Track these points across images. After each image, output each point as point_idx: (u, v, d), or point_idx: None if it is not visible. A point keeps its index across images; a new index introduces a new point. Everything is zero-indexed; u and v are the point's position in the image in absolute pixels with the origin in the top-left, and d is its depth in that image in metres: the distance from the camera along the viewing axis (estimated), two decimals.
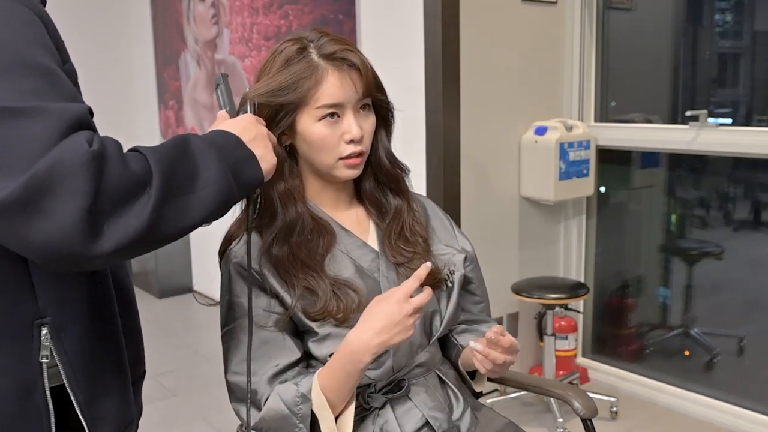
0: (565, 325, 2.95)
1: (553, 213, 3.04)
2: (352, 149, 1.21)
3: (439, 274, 1.30)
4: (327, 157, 1.22)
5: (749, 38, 2.78)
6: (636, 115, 2.99)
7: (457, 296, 1.33)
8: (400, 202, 1.33)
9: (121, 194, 0.77)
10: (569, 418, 2.57)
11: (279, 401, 1.17)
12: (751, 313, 2.76)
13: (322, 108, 1.19)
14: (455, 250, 1.36)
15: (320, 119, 1.19)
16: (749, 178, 2.79)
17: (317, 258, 1.22)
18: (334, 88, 1.19)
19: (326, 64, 1.19)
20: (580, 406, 1.38)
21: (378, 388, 1.25)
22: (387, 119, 1.31)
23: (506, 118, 2.82)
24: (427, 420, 1.26)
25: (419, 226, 1.33)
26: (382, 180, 1.32)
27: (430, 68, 2.58)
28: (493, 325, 1.43)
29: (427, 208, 1.41)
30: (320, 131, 1.20)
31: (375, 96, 1.25)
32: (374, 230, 1.32)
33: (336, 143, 1.21)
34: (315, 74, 1.18)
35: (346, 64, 1.20)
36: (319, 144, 1.21)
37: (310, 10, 3.18)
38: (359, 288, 1.23)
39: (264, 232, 1.23)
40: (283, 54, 1.21)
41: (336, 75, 1.19)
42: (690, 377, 2.84)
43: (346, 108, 1.21)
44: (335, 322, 1.21)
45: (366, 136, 1.24)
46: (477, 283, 1.42)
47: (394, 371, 1.26)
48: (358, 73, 1.21)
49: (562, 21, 2.93)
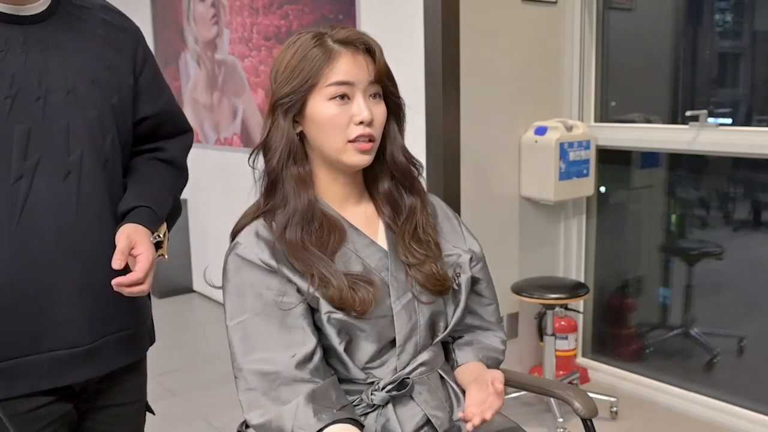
0: (565, 325, 2.95)
1: (553, 213, 3.04)
2: (361, 131, 1.20)
3: (446, 282, 1.29)
4: (336, 140, 1.21)
5: (749, 38, 2.78)
6: (636, 115, 2.99)
7: (465, 300, 1.33)
8: (414, 201, 1.32)
9: None
10: (569, 418, 2.57)
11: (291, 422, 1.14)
12: (751, 313, 2.76)
13: (332, 86, 1.19)
14: (462, 251, 1.36)
15: (330, 99, 1.19)
16: (749, 178, 2.79)
17: (328, 253, 1.21)
18: (347, 65, 1.19)
19: (340, 47, 1.20)
20: (580, 406, 1.38)
21: (381, 387, 1.24)
22: (398, 115, 1.30)
23: (506, 118, 2.82)
24: (428, 418, 1.26)
25: (431, 228, 1.32)
26: (398, 177, 1.31)
27: (430, 68, 2.59)
28: (499, 334, 1.43)
29: (436, 208, 1.40)
30: (330, 110, 1.19)
31: (386, 85, 1.25)
32: (383, 229, 1.31)
33: (345, 124, 1.20)
34: (328, 54, 1.19)
35: (361, 47, 1.21)
36: (329, 125, 1.20)
37: (310, 10, 3.18)
38: (374, 281, 1.22)
39: (277, 214, 1.23)
40: (297, 42, 1.22)
41: (349, 55, 1.20)
42: (690, 377, 2.84)
43: (357, 89, 1.20)
44: (354, 314, 1.19)
45: (377, 123, 1.23)
46: (485, 283, 1.41)
47: (398, 370, 1.26)
48: (370, 57, 1.22)
49: (562, 21, 2.93)
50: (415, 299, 1.26)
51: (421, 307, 1.27)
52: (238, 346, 1.19)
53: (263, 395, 1.16)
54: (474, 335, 1.42)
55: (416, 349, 1.27)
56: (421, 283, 1.27)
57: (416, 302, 1.26)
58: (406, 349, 1.26)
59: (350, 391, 1.25)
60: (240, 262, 1.21)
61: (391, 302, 1.24)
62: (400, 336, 1.25)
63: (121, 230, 1.24)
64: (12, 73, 1.16)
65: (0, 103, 1.15)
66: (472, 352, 1.39)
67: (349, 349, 1.23)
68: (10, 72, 1.16)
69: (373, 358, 1.25)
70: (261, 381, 1.16)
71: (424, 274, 1.27)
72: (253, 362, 1.17)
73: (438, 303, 1.30)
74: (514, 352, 2.91)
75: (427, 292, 1.28)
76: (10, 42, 1.18)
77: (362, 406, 1.24)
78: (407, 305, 1.26)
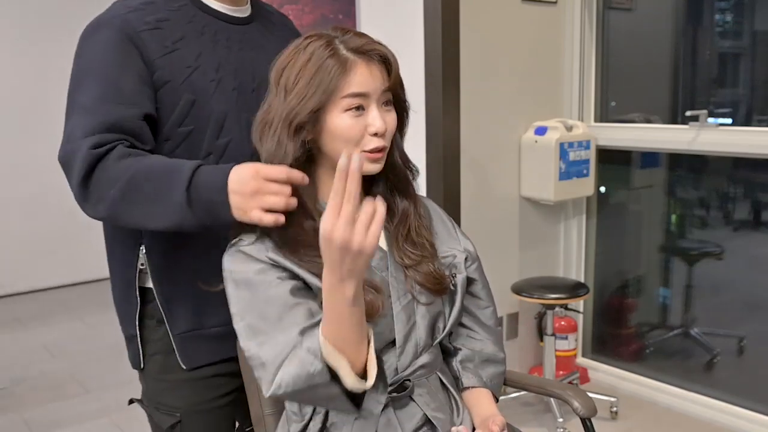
0: (565, 325, 2.95)
1: (553, 213, 3.04)
2: (375, 143, 1.19)
3: (444, 281, 1.29)
4: (348, 150, 1.17)
5: (749, 38, 2.78)
6: (636, 115, 3.00)
7: (461, 299, 1.33)
8: (407, 205, 1.31)
9: (98, 185, 1.15)
10: (569, 418, 2.57)
11: (295, 365, 1.09)
12: (751, 313, 2.76)
13: (348, 97, 1.17)
14: (457, 251, 1.36)
15: (346, 110, 1.18)
16: (749, 178, 2.79)
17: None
18: (363, 77, 1.17)
19: (354, 56, 1.18)
20: (580, 406, 1.38)
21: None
22: (403, 119, 1.29)
23: (506, 118, 2.82)
24: (427, 419, 1.26)
25: (425, 230, 1.32)
26: (392, 180, 1.30)
27: (430, 68, 2.59)
28: (498, 340, 1.42)
29: (430, 210, 1.40)
30: (345, 122, 1.18)
31: (398, 92, 1.24)
32: (382, 231, 1.30)
33: (360, 135, 1.19)
34: (344, 65, 1.16)
35: (376, 56, 1.20)
36: (343, 136, 1.18)
37: (310, 10, 3.18)
38: (380, 287, 1.21)
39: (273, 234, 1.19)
40: (309, 48, 1.19)
41: (364, 65, 1.18)
42: (690, 377, 2.84)
43: (371, 100, 1.19)
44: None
45: (389, 132, 1.22)
46: (481, 284, 1.41)
47: (398, 371, 1.26)
48: (385, 65, 1.21)
49: (562, 21, 2.93)
50: (414, 300, 1.26)
51: (420, 308, 1.27)
52: (249, 335, 1.15)
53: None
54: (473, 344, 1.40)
55: (417, 350, 1.27)
56: (420, 283, 1.27)
57: (415, 303, 1.26)
58: (406, 350, 1.26)
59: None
60: (242, 256, 1.18)
61: (391, 302, 1.24)
62: (400, 336, 1.25)
63: None
64: (234, 68, 1.35)
65: (230, 94, 1.33)
66: (476, 373, 1.38)
67: None
68: (233, 66, 1.34)
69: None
70: (277, 360, 1.11)
71: (423, 274, 1.27)
72: (263, 345, 1.12)
73: (437, 304, 1.30)
74: (514, 352, 2.91)
75: (426, 293, 1.27)
76: (230, 39, 1.36)
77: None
78: (407, 306, 1.26)
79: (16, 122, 4.41)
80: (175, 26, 1.29)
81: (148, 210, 1.14)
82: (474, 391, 1.37)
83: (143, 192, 1.13)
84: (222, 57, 1.33)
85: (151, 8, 1.29)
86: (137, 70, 1.23)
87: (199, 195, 1.12)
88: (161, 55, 1.26)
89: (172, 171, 1.13)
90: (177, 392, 1.38)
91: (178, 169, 1.13)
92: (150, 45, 1.25)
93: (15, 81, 4.39)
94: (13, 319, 4.15)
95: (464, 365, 1.39)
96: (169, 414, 1.38)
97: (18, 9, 4.38)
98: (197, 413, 1.39)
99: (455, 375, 1.38)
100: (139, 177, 1.13)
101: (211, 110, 1.30)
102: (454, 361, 1.39)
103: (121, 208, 1.15)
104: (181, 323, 1.35)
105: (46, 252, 4.57)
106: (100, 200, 1.15)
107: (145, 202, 1.14)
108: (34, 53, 4.40)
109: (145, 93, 1.24)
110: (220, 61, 1.33)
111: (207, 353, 1.37)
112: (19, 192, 4.45)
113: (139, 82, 1.23)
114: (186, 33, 1.30)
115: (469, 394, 1.37)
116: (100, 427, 2.82)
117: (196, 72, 1.29)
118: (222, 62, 1.33)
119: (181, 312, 1.35)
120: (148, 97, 1.24)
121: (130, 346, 1.41)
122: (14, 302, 4.46)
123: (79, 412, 2.94)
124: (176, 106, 1.27)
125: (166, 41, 1.27)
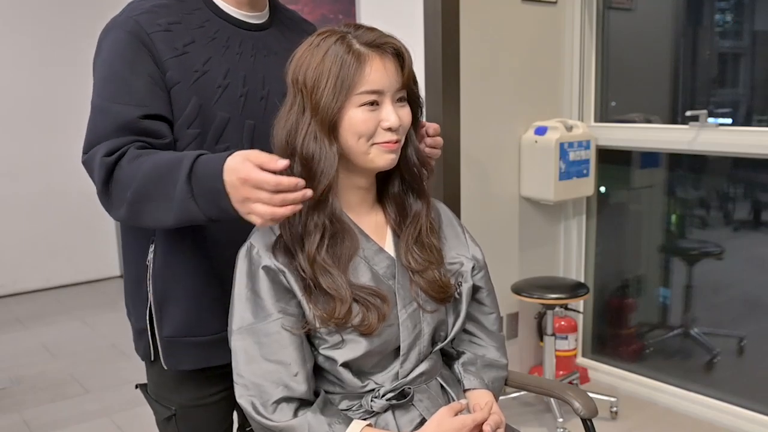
0: (565, 325, 2.95)
1: (553, 213, 3.04)
2: (389, 137, 1.19)
3: (449, 289, 1.29)
4: (362, 143, 1.19)
5: (749, 38, 2.78)
6: (636, 115, 2.99)
7: (465, 309, 1.33)
8: (420, 206, 1.31)
9: (116, 190, 1.19)
10: (569, 418, 2.57)
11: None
12: (751, 313, 2.76)
13: (363, 94, 1.17)
14: (465, 258, 1.35)
15: (360, 105, 1.17)
16: (749, 178, 2.79)
17: (341, 264, 1.20)
18: (378, 73, 1.17)
19: (368, 50, 1.17)
20: (580, 406, 1.38)
21: (381, 394, 1.24)
22: (416, 116, 1.29)
23: (506, 118, 2.82)
24: None
25: (434, 234, 1.32)
26: (407, 180, 1.30)
27: (430, 68, 2.58)
28: (501, 346, 1.44)
29: (441, 214, 1.40)
30: (360, 117, 1.17)
31: (411, 88, 1.24)
32: (391, 236, 1.30)
33: (373, 130, 1.19)
34: (360, 60, 1.16)
35: (390, 50, 1.19)
36: (358, 130, 1.18)
37: (310, 10, 3.18)
38: (386, 296, 1.21)
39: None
40: (322, 45, 1.18)
41: (378, 60, 1.17)
42: (690, 377, 2.84)
43: (386, 96, 1.19)
44: (357, 332, 1.19)
45: (403, 127, 1.22)
46: (486, 291, 1.40)
47: (399, 377, 1.26)
48: (399, 60, 1.20)
49: (562, 21, 2.93)
50: (420, 309, 1.26)
51: (425, 316, 1.27)
52: (244, 351, 1.19)
53: (262, 405, 1.17)
54: (476, 350, 1.41)
55: (419, 358, 1.27)
56: (424, 290, 1.26)
57: (421, 311, 1.26)
58: (409, 358, 1.25)
59: (348, 396, 1.25)
60: (253, 266, 1.20)
61: (397, 311, 1.24)
62: (405, 344, 1.25)
63: None
64: (244, 74, 1.34)
65: (236, 100, 1.32)
66: (478, 375, 1.38)
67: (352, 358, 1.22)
68: (243, 72, 1.34)
69: (375, 366, 1.25)
70: (269, 390, 1.17)
71: (427, 281, 1.27)
72: (257, 374, 1.18)
73: (440, 312, 1.30)
74: (514, 352, 2.91)
75: (430, 300, 1.27)
76: (243, 45, 1.35)
77: (360, 411, 1.24)
78: (413, 314, 1.25)
79: (17, 123, 4.41)
80: (186, 30, 1.30)
81: (160, 207, 1.15)
82: (475, 392, 1.37)
83: (152, 190, 1.15)
84: (232, 63, 1.33)
85: (164, 11, 1.30)
86: (148, 71, 1.24)
87: (200, 184, 1.11)
88: (171, 56, 1.26)
89: (175, 164, 1.14)
90: (173, 387, 1.41)
91: (180, 161, 1.14)
92: (160, 46, 1.25)
93: (19, 81, 4.38)
94: (13, 319, 4.15)
95: (466, 368, 1.39)
96: (165, 407, 1.43)
97: (18, 10, 4.38)
98: (193, 408, 1.42)
99: (457, 378, 1.38)
100: (147, 176, 1.15)
101: (214, 116, 1.31)
102: (456, 363, 1.39)
103: (137, 208, 1.17)
104: (169, 327, 1.35)
105: (47, 252, 4.57)
106: (120, 204, 1.18)
107: (155, 200, 1.15)
108: (38, 54, 4.40)
109: (156, 93, 1.25)
110: (230, 67, 1.32)
111: (195, 359, 1.37)
112: (20, 192, 4.44)
113: (150, 83, 1.24)
114: (196, 37, 1.30)
115: (470, 395, 1.37)
116: (100, 427, 2.82)
117: (204, 77, 1.29)
118: (231, 68, 1.33)
119: (172, 316, 1.35)
120: (160, 97, 1.25)
121: (141, 339, 1.42)
122: (14, 302, 4.45)
123: (79, 412, 2.94)
124: (185, 108, 1.28)
125: (176, 44, 1.27)
